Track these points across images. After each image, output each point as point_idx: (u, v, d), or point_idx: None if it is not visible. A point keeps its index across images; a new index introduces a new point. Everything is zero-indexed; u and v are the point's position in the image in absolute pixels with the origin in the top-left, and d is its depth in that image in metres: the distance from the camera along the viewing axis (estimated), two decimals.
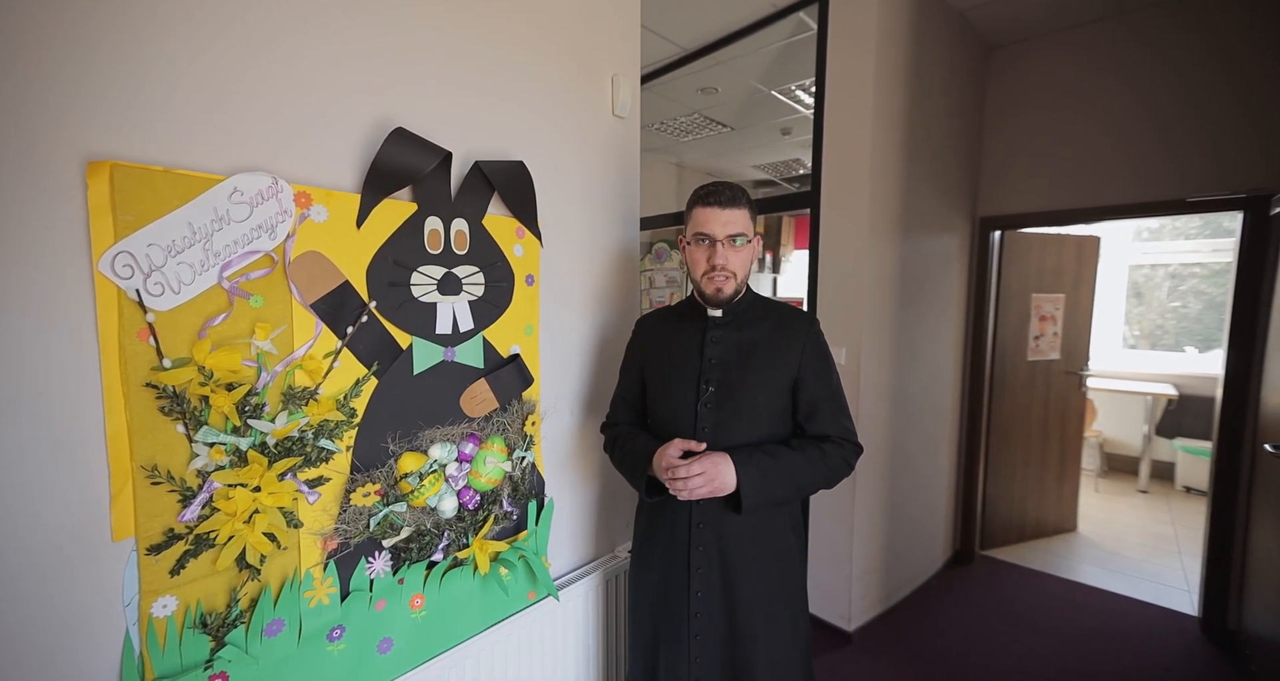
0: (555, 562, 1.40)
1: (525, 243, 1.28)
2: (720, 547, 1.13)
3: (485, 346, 1.20)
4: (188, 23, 0.77)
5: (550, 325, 1.36)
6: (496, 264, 1.21)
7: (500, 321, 1.23)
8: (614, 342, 1.54)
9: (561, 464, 1.40)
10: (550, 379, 1.37)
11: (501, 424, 1.23)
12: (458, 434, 1.14)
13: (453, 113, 1.11)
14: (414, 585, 1.07)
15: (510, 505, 1.24)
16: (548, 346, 1.36)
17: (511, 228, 1.24)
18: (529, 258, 1.29)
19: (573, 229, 1.40)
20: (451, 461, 1.13)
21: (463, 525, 1.13)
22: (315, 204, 0.89)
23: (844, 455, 1.13)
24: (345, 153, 0.94)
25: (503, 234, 1.22)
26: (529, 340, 1.31)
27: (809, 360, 1.13)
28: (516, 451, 1.25)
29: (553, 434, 1.38)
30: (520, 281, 1.27)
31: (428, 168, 1.00)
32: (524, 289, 1.29)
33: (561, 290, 1.39)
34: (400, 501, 1.01)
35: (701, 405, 1.12)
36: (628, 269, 1.59)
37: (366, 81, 0.97)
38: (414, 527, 1.03)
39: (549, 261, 1.35)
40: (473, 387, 1.18)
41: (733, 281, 1.11)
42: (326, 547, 0.93)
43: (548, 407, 1.35)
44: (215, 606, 0.81)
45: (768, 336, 1.14)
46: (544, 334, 1.35)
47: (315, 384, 0.90)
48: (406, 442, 1.05)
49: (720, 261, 1.09)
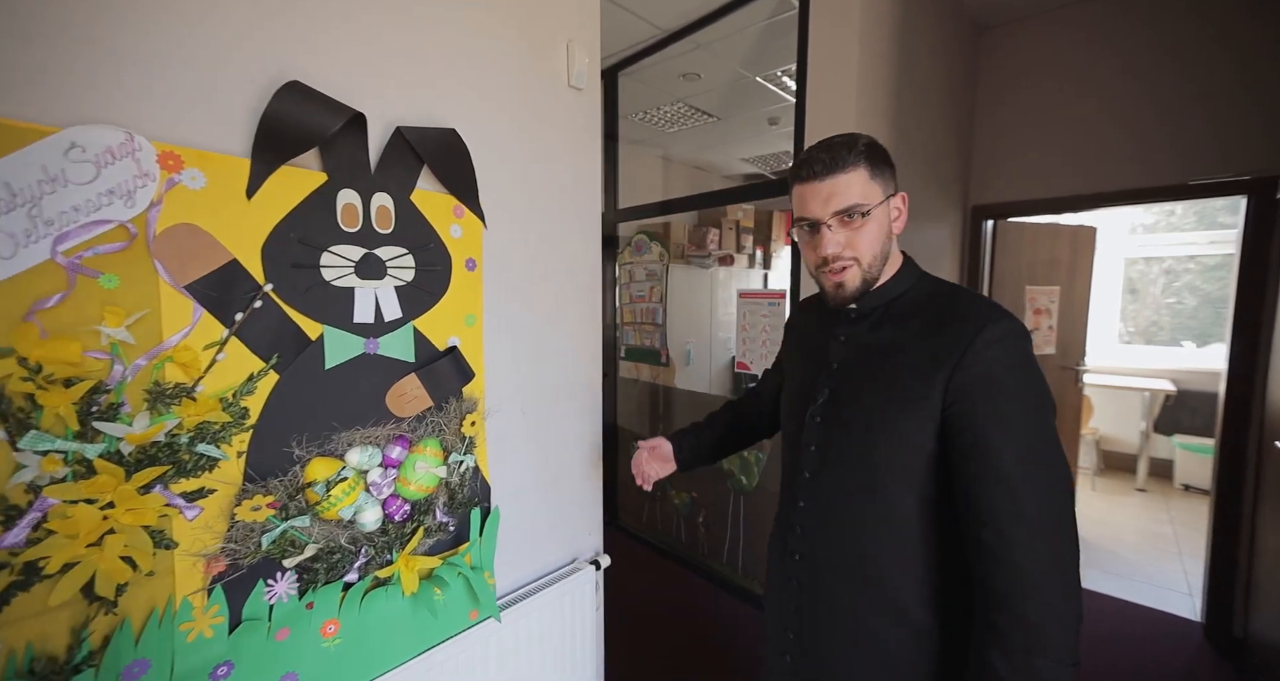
0: (505, 577, 1.27)
1: (465, 223, 1.15)
2: (804, 608, 0.90)
3: (416, 337, 1.07)
4: None
5: (496, 315, 1.23)
6: (429, 246, 1.08)
7: (435, 310, 1.10)
8: (571, 336, 1.41)
9: (510, 467, 1.27)
10: (496, 374, 1.23)
11: (437, 424, 1.10)
12: (383, 436, 1.01)
13: (368, 69, 0.97)
14: (326, 609, 0.93)
15: (446, 515, 1.11)
16: (493, 338, 1.23)
17: (448, 206, 1.11)
18: (469, 240, 1.16)
19: (522, 210, 1.27)
20: (374, 467, 1.00)
21: (386, 539, 1.00)
22: (188, 168, 0.76)
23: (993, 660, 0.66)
24: (229, 110, 0.81)
25: (437, 212, 1.09)
26: (471, 331, 1.18)
27: (974, 389, 0.71)
28: (454, 455, 1.12)
29: (500, 434, 1.25)
30: (459, 266, 1.14)
31: (331, 129, 0.87)
32: (464, 274, 1.16)
33: (510, 277, 1.26)
34: (303, 515, 0.87)
35: (810, 417, 0.89)
36: (588, 256, 1.46)
37: (258, 26, 0.83)
38: (322, 544, 0.90)
39: (495, 245, 1.22)
40: (401, 384, 1.05)
41: (856, 270, 0.82)
42: (210, 571, 0.80)
43: (493, 406, 1.22)
44: (51, 650, 0.67)
45: (910, 342, 0.80)
46: (489, 324, 1.22)
47: (192, 379, 0.77)
48: (317, 446, 0.92)
49: (832, 250, 0.81)
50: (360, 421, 0.98)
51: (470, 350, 1.17)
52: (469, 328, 1.18)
